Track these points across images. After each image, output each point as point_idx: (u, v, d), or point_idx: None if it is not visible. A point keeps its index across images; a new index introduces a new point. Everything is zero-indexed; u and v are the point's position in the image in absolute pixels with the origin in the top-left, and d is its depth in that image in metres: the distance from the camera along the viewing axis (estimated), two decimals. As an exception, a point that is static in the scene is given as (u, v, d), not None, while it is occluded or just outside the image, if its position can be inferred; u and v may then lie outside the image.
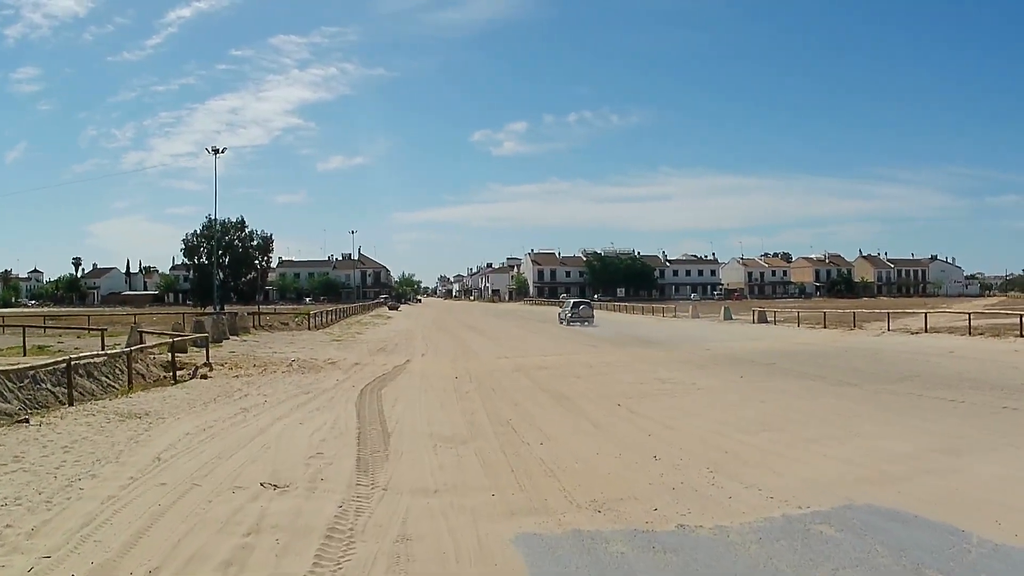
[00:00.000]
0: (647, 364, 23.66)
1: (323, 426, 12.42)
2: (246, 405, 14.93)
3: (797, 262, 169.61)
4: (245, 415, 13.60)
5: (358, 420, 13.07)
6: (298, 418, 13.34)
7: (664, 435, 11.80)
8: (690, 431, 12.14)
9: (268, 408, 14.58)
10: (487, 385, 18.88)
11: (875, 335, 33.73)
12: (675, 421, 13.10)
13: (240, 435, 11.54)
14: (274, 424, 12.62)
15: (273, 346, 32.06)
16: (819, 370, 20.96)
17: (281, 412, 14.06)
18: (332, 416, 13.55)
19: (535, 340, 37.08)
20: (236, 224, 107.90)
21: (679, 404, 15.29)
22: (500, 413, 14.16)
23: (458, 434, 11.88)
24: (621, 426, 12.73)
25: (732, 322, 49.93)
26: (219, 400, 15.76)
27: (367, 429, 12.13)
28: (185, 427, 12.19)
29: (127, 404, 14.86)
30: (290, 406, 14.88)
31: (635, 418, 13.57)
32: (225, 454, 10.11)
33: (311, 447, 10.61)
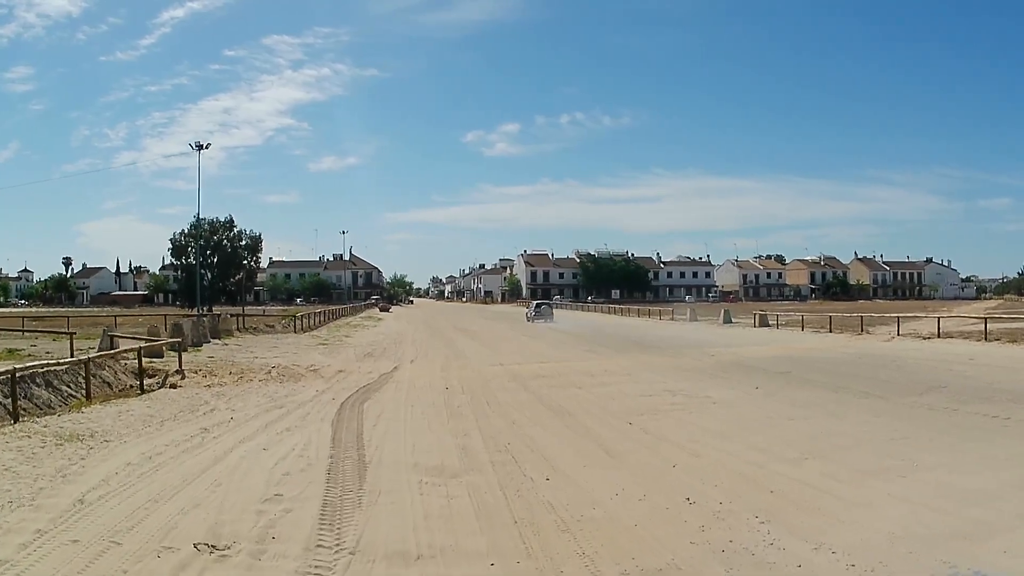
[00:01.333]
0: (651, 372, 21.98)
1: (290, 453, 10.63)
2: (209, 424, 13.13)
3: (792, 264, 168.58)
4: (204, 437, 11.80)
5: (332, 445, 11.29)
6: (264, 441, 11.54)
7: (691, 465, 10.08)
8: (720, 460, 10.42)
9: (233, 428, 12.79)
10: (481, 398, 17.15)
11: (885, 340, 32.18)
12: (699, 446, 11.38)
13: (190, 466, 9.75)
14: (234, 450, 10.83)
15: (255, 351, 30.27)
16: (838, 380, 19.32)
17: (246, 433, 12.27)
18: (303, 439, 11.76)
19: (530, 345, 35.33)
20: (224, 223, 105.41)
21: (697, 422, 13.60)
22: (497, 435, 12.40)
23: (448, 464, 10.10)
24: (638, 453, 10.99)
25: (732, 326, 48.35)
26: (180, 416, 13.97)
27: (341, 457, 10.34)
28: (130, 454, 10.39)
29: (75, 422, 13.03)
30: (258, 425, 13.10)
31: (651, 441, 11.86)
32: (165, 495, 8.31)
33: (270, 484, 8.81)
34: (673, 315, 62.93)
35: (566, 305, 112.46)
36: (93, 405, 15.38)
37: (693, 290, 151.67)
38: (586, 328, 49.51)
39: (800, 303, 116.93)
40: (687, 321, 55.99)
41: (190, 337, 31.25)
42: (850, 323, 40.85)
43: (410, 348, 33.92)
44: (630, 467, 10.03)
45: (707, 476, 9.46)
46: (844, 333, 37.13)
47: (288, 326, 47.46)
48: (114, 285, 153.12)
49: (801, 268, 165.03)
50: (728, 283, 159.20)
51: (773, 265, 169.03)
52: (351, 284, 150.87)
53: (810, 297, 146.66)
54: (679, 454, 10.81)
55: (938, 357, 24.45)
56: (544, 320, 59.74)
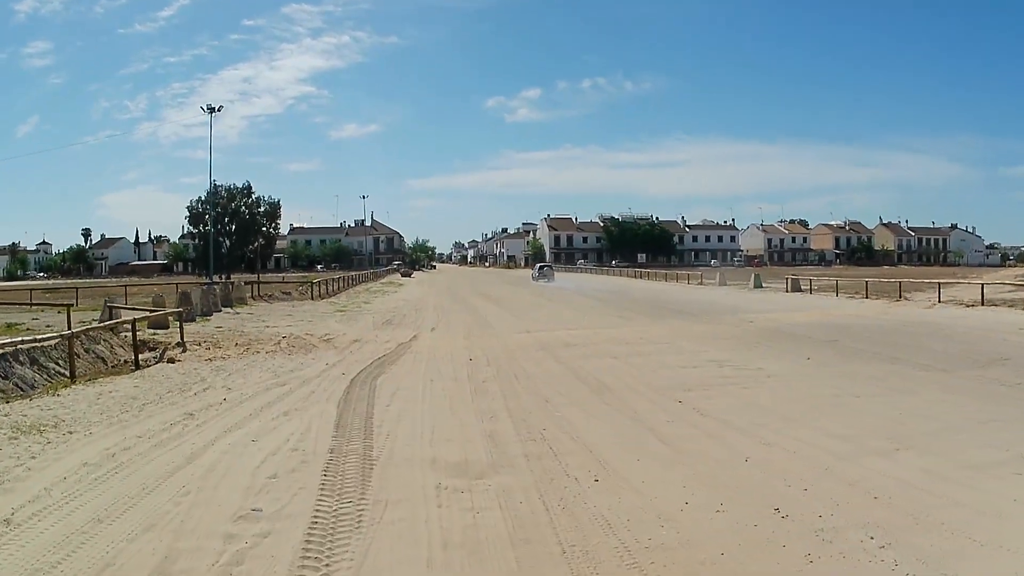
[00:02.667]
0: (690, 341, 20.06)
1: (283, 446, 8.85)
2: (197, 407, 11.39)
3: (817, 229, 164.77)
4: (186, 425, 10.06)
5: (335, 433, 9.49)
6: (255, 430, 9.77)
7: (765, 459, 8.21)
8: (797, 450, 8.54)
9: (223, 412, 11.04)
10: (507, 370, 15.35)
11: (925, 307, 29.94)
12: (766, 431, 9.49)
13: (158, 466, 7.99)
14: (217, 442, 9.06)
15: (268, 319, 28.65)
16: (891, 350, 17.33)
17: (237, 418, 10.53)
18: (302, 425, 10.00)
19: (557, 311, 33.43)
20: (242, 190, 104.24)
21: (755, 400, 11.73)
22: (528, 417, 10.56)
23: (474, 459, 8.27)
24: (697, 441, 9.12)
25: (763, 290, 46.30)
26: (167, 398, 12.25)
27: (343, 451, 8.54)
28: (90, 451, 8.65)
29: (44, 407, 11.36)
30: (253, 407, 11.34)
31: (709, 424, 9.99)
32: (114, 511, 6.55)
33: (249, 493, 7.02)
34: (702, 279, 61.17)
35: (590, 269, 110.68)
36: (76, 385, 13.78)
37: (718, 254, 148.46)
38: (613, 293, 47.67)
39: (825, 268, 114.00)
40: (716, 285, 53.95)
41: (199, 306, 29.75)
42: (885, 289, 38.73)
43: (431, 315, 32.14)
44: (692, 461, 8.17)
45: (789, 474, 7.59)
46: (881, 299, 34.93)
47: (305, 293, 45.90)
48: (133, 255, 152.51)
49: (826, 233, 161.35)
50: (753, 248, 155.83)
51: (798, 230, 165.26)
52: (372, 250, 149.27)
53: (835, 262, 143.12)
54: (746, 443, 8.94)
55: (987, 326, 22.30)
56: (546, 280, 68.35)
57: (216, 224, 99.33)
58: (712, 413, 10.74)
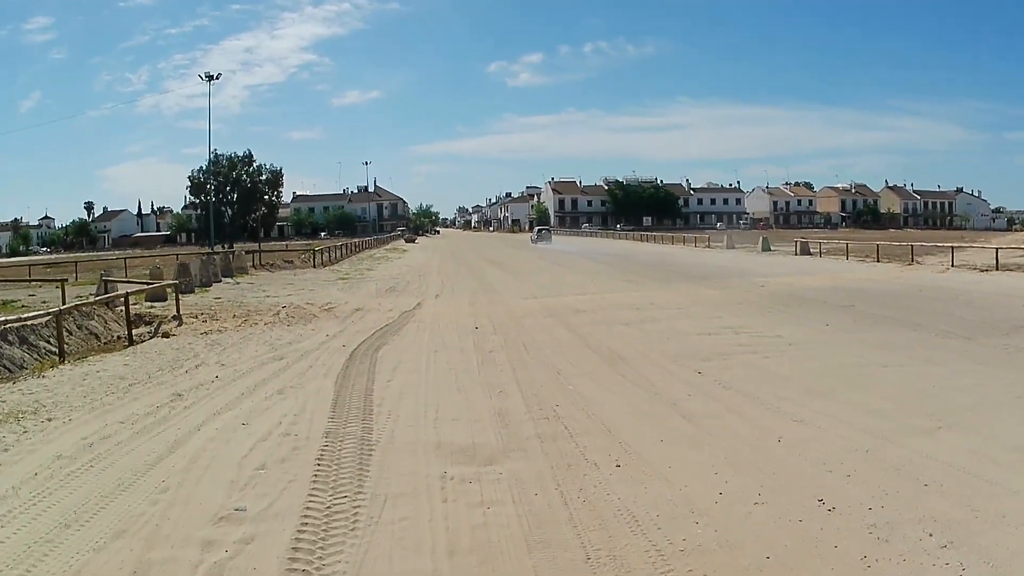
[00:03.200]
0: (703, 306, 19.34)
1: (275, 429, 8.15)
2: (187, 386, 10.71)
3: (822, 192, 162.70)
4: (172, 408, 9.37)
5: (332, 413, 8.79)
6: (246, 411, 9.08)
7: (798, 438, 7.51)
8: (832, 428, 7.83)
9: (214, 391, 10.37)
10: (516, 339, 14.66)
11: (939, 271, 29.04)
12: (795, 406, 8.77)
13: (138, 457, 7.31)
14: (204, 426, 8.38)
15: (268, 289, 27.99)
16: (910, 316, 16.56)
17: (228, 398, 9.85)
18: (297, 405, 9.30)
19: (564, 275, 32.66)
20: (243, 159, 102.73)
21: (778, 370, 11.03)
22: (540, 391, 9.87)
23: (482, 441, 7.57)
24: (723, 417, 8.41)
25: (772, 253, 45.47)
26: (156, 377, 11.57)
27: (340, 435, 7.84)
28: (67, 441, 7.97)
29: (26, 391, 10.71)
30: (246, 385, 10.66)
31: (733, 398, 9.28)
32: (85, 512, 5.86)
33: (234, 488, 6.32)
34: (709, 242, 60.29)
35: (595, 233, 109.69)
36: (65, 365, 13.12)
37: (723, 218, 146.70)
38: (619, 257, 46.89)
39: (831, 231, 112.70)
40: (724, 249, 53.13)
41: (198, 277, 29.12)
42: (895, 252, 37.67)
43: (435, 281, 31.44)
44: (720, 441, 7.47)
45: (827, 456, 6.89)
46: (892, 263, 34.03)
47: (307, 261, 45.18)
48: (136, 227, 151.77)
49: (832, 196, 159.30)
50: (758, 210, 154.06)
51: (804, 192, 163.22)
52: (376, 216, 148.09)
53: (840, 225, 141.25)
54: (776, 420, 8.24)
55: (1003, 291, 21.36)
56: (545, 242, 72.00)
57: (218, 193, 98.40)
58: (734, 385, 10.04)
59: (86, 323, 17.75)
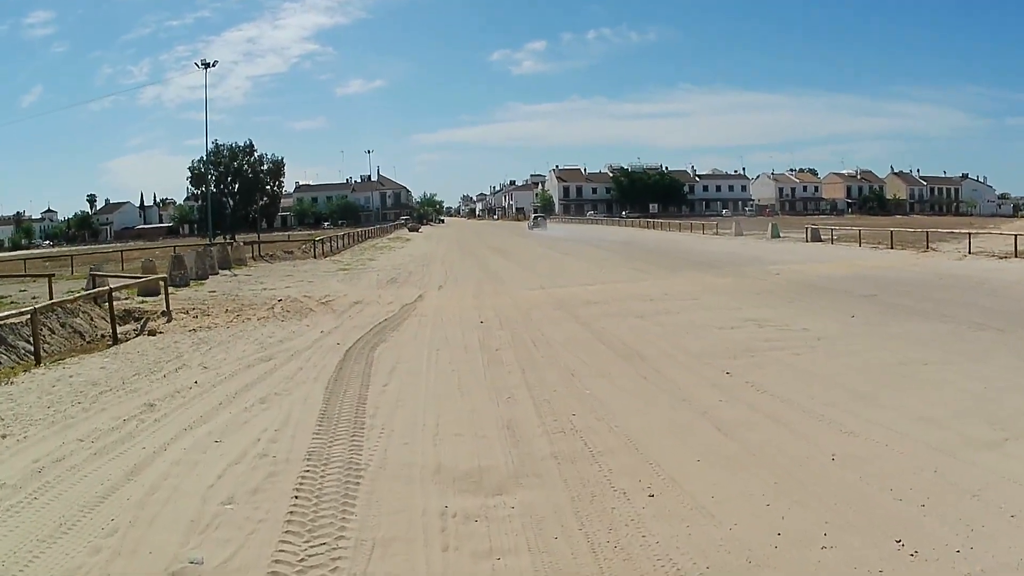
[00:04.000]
0: (719, 296, 18.33)
1: (252, 449, 7.10)
2: (162, 394, 9.69)
3: (828, 178, 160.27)
4: (141, 421, 8.34)
5: (317, 428, 7.72)
6: (221, 425, 8.04)
7: (856, 456, 6.47)
8: (889, 442, 6.81)
9: (190, 399, 9.33)
10: (524, 335, 13.64)
11: (956, 259, 27.93)
12: (841, 413, 7.76)
13: (90, 486, 6.26)
14: (173, 445, 7.34)
15: (266, 281, 27.01)
16: (937, 307, 15.55)
17: (205, 408, 8.81)
18: (279, 417, 8.26)
19: (571, 264, 31.61)
20: (244, 148, 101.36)
21: (812, 369, 10.05)
22: (553, 398, 8.82)
23: (489, 464, 6.50)
24: (763, 428, 7.37)
25: (781, 240, 44.39)
26: (131, 382, 10.55)
27: (324, 456, 6.78)
28: (18, 463, 6.94)
29: (-14, 399, 9.72)
30: (227, 392, 9.63)
31: (771, 405, 8.23)
32: (13, 565, 4.85)
33: (195, 529, 5.25)
34: (717, 229, 59.28)
35: (600, 220, 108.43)
36: (39, 368, 12.13)
37: (729, 204, 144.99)
38: (627, 244, 45.84)
39: (837, 217, 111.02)
40: (732, 235, 51.99)
41: (194, 269, 28.12)
42: (908, 239, 36.62)
43: (438, 271, 30.40)
44: (765, 459, 6.43)
45: (890, 478, 5.87)
46: (906, 249, 32.93)
47: (308, 252, 44.17)
48: (138, 219, 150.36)
49: (837, 182, 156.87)
50: (764, 197, 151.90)
51: (809, 179, 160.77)
52: (379, 205, 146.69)
53: (846, 211, 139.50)
54: (823, 431, 7.20)
55: None
56: (539, 228, 76.48)
57: (219, 184, 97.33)
58: (768, 387, 9.00)
59: (70, 321, 16.77)
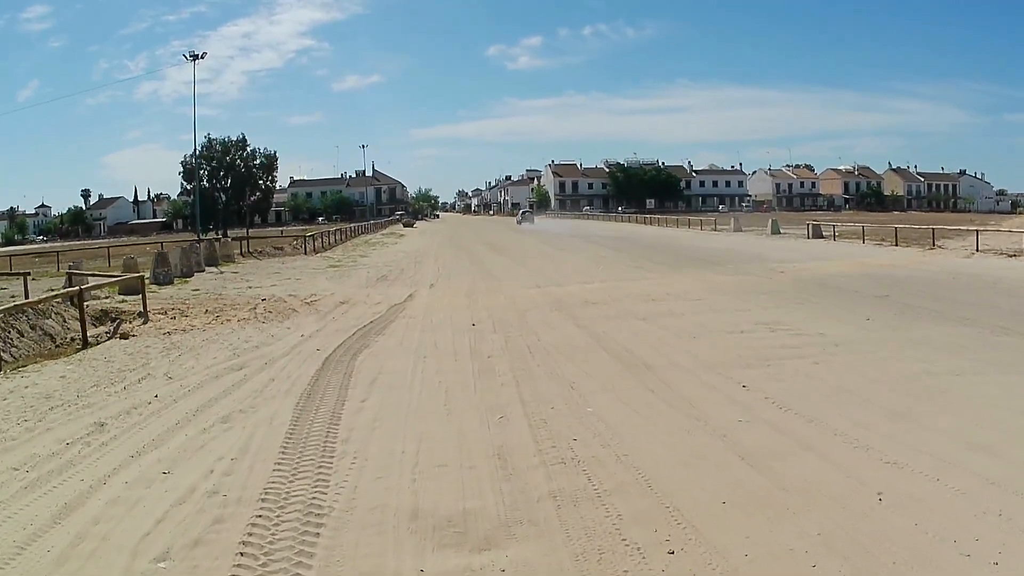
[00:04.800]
0: (723, 296, 17.44)
1: (202, 483, 6.10)
2: (116, 410, 8.68)
3: (825, 174, 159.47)
4: (87, 444, 7.34)
5: (281, 455, 6.74)
6: (175, 450, 7.04)
7: (906, 496, 5.52)
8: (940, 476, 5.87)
9: (146, 417, 8.33)
10: (519, 340, 12.68)
11: (964, 257, 27.11)
12: (879, 437, 6.84)
13: (10, 531, 5.26)
14: (113, 477, 6.34)
15: (252, 279, 26.03)
16: (953, 308, 14.72)
17: (159, 429, 7.80)
18: (240, 441, 7.26)
19: (568, 260, 30.70)
20: (237, 143, 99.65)
21: (838, 382, 9.06)
22: (552, 418, 7.82)
23: (476, 507, 5.48)
24: (796, 459, 6.39)
25: (782, 237, 43.58)
26: (86, 396, 9.54)
27: (282, 495, 5.78)
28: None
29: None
30: (188, 408, 8.63)
31: (799, 427, 7.29)
32: None
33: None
34: (716, 225, 58.56)
35: (596, 216, 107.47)
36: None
37: (726, 200, 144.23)
38: (625, 240, 44.90)
39: (835, 213, 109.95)
40: (731, 231, 51.36)
41: (179, 267, 27.14)
42: (912, 236, 35.97)
43: (431, 268, 29.43)
44: (802, 500, 5.45)
45: (953, 527, 4.96)
46: (911, 247, 32.14)
47: (299, 248, 43.16)
48: (132, 214, 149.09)
49: (835, 178, 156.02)
50: (761, 193, 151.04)
51: (807, 174, 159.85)
52: (374, 200, 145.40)
53: (844, 207, 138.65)
54: (863, 462, 6.25)
55: None
56: (527, 223, 79.13)
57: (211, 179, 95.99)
58: (791, 404, 8.04)
59: (41, 323, 15.85)
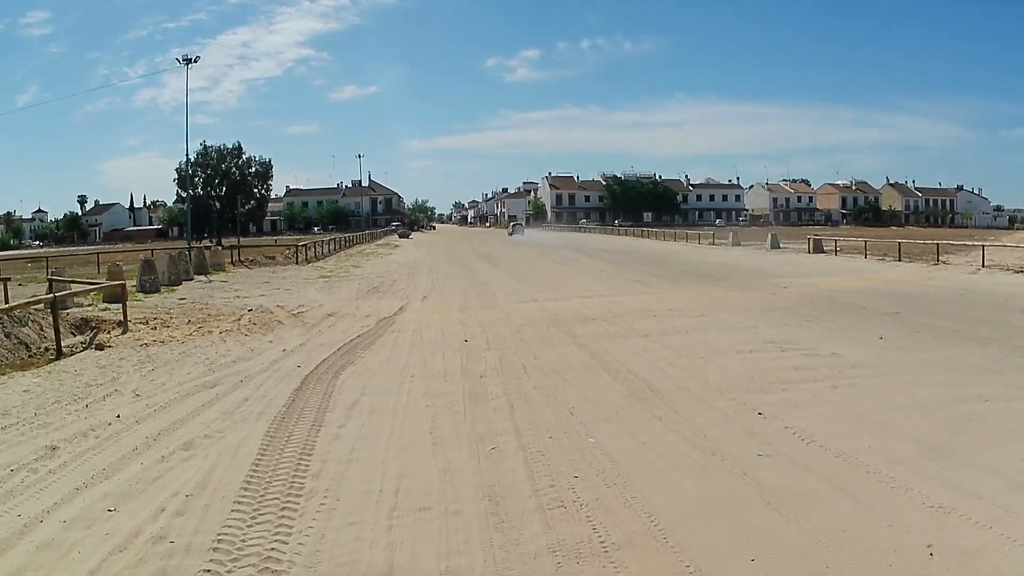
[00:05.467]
0: (728, 313, 16.78)
1: (148, 527, 5.27)
2: (72, 432, 7.87)
3: (823, 188, 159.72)
4: (34, 471, 6.54)
5: (242, 493, 5.95)
6: (126, 483, 6.25)
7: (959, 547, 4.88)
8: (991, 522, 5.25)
9: (104, 440, 7.54)
10: (514, 358, 11.92)
11: (970, 272, 26.53)
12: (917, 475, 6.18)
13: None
14: (53, 514, 5.55)
15: (240, 288, 25.19)
16: (968, 327, 14.11)
17: (116, 455, 7.01)
18: (202, 471, 6.47)
19: (565, 274, 29.96)
20: (232, 150, 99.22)
21: (863, 411, 8.36)
22: (550, 450, 7.05)
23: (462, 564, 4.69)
24: (826, 503, 5.65)
25: (782, 251, 42.99)
26: (45, 414, 8.73)
27: (236, 545, 4.99)
28: None
29: None
30: (149, 431, 7.82)
31: (826, 463, 6.58)
32: None
33: None
34: (714, 239, 57.96)
35: (593, 229, 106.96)
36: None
37: (723, 214, 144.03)
38: (622, 254, 44.19)
39: (833, 228, 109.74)
40: (730, 246, 50.63)
41: (166, 274, 26.34)
42: (914, 251, 35.53)
43: (424, 280, 28.61)
44: (842, 557, 4.72)
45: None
46: (915, 262, 31.58)
47: (291, 257, 42.34)
48: (128, 221, 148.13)
49: (832, 192, 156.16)
50: (757, 207, 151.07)
51: (804, 189, 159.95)
52: (370, 211, 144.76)
53: (841, 222, 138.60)
54: (905, 507, 5.55)
55: None
56: (518, 235, 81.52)
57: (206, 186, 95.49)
58: (814, 435, 7.32)
59: (17, 331, 15.00)
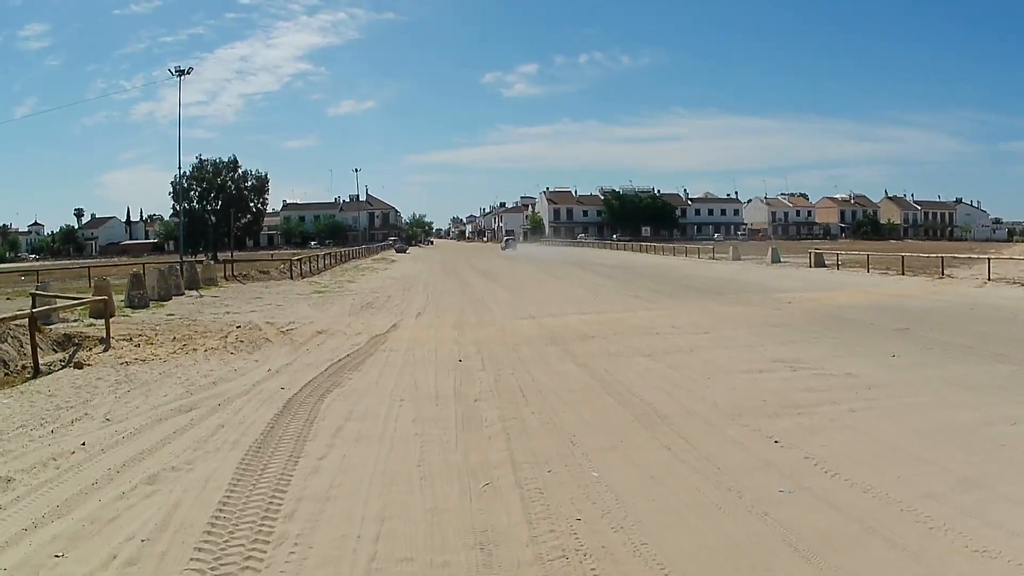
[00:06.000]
0: (733, 329, 16.22)
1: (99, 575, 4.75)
2: (33, 460, 7.25)
3: (821, 202, 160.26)
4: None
5: (205, 538, 5.33)
6: (80, 522, 5.61)
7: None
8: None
9: (64, 472, 6.90)
10: (511, 380, 11.31)
11: (976, 286, 26.00)
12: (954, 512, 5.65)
13: None
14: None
15: (231, 304, 24.55)
16: (981, 343, 13.64)
17: (75, 488, 6.39)
18: (164, 511, 5.83)
19: (563, 289, 29.39)
20: (228, 164, 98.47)
21: (884, 436, 7.79)
22: (549, 486, 6.41)
23: None
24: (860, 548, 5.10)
25: (783, 265, 42.56)
26: (8, 440, 8.07)
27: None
28: None
29: None
30: (115, 461, 7.18)
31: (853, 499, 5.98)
32: None
33: None
34: (714, 254, 57.62)
35: (592, 243, 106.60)
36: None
37: (721, 228, 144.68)
38: (621, 269, 43.75)
39: (832, 242, 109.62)
40: (730, 260, 50.17)
41: (156, 289, 25.77)
42: (917, 264, 35.20)
43: (419, 296, 27.98)
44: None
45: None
46: (919, 276, 31.11)
47: (285, 272, 41.72)
48: (124, 234, 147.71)
49: (831, 206, 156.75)
50: (756, 221, 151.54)
51: (802, 203, 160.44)
52: (367, 225, 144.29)
53: (840, 236, 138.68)
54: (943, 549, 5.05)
55: None
56: (511, 249, 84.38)
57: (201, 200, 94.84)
58: (838, 467, 6.72)
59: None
